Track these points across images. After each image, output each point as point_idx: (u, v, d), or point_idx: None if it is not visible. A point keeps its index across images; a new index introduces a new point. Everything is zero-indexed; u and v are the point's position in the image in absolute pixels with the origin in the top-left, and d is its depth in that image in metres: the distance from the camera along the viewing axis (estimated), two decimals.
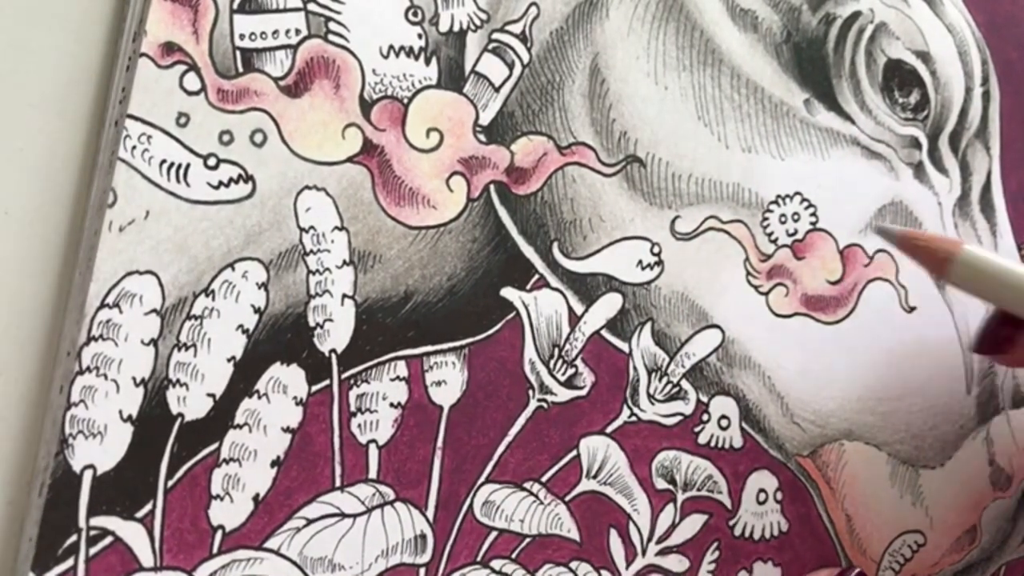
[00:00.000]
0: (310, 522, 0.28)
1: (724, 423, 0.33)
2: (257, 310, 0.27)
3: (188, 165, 0.26)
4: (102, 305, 0.25)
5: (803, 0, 0.35)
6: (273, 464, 0.27)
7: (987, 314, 0.31)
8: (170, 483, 0.26)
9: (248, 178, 0.27)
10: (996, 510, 0.39)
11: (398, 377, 0.29)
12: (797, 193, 0.35)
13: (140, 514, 0.26)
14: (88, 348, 0.25)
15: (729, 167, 0.33)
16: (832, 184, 0.35)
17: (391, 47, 0.29)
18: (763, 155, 0.34)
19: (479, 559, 0.30)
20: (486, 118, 0.30)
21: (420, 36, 0.29)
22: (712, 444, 0.33)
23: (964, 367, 0.38)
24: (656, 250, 0.32)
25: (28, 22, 0.26)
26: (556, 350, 0.31)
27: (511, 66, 0.30)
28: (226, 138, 0.27)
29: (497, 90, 0.30)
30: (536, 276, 0.31)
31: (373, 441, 0.28)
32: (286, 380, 0.27)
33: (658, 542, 0.32)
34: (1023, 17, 0.40)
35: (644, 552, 0.32)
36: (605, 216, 0.32)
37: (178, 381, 0.26)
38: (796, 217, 0.35)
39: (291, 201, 0.28)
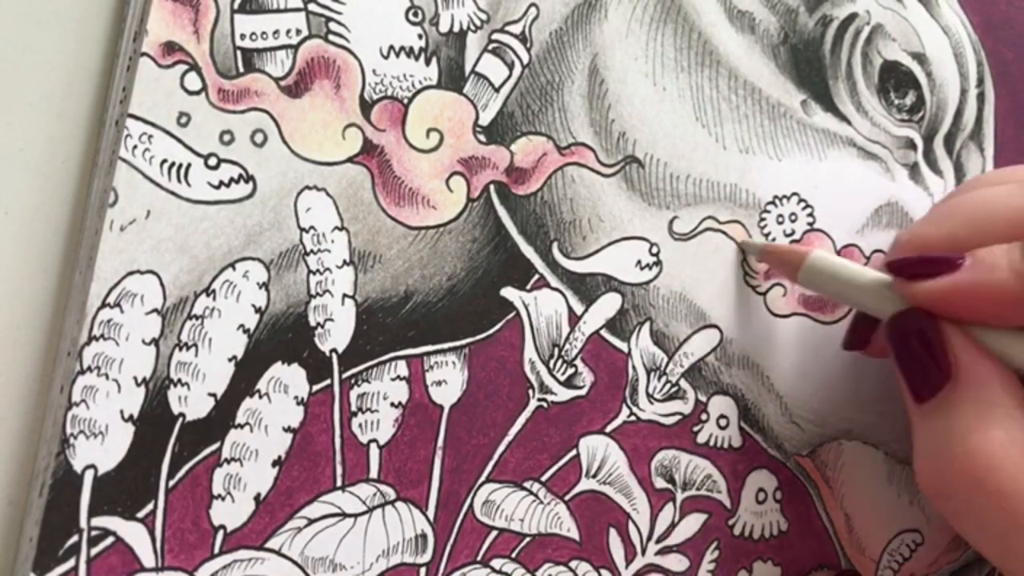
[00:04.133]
0: (311, 522, 0.28)
1: (723, 422, 0.33)
2: (258, 310, 0.27)
3: (189, 165, 0.26)
4: (103, 305, 0.25)
5: (800, 2, 0.35)
6: (274, 464, 0.27)
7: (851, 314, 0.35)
8: (171, 483, 0.26)
9: (249, 178, 0.27)
10: None
11: (398, 377, 0.29)
12: (794, 194, 0.35)
13: (141, 514, 0.26)
14: (89, 348, 0.25)
15: (727, 168, 0.34)
16: (829, 185, 0.35)
17: (391, 47, 0.29)
18: (760, 156, 0.34)
19: (479, 558, 0.30)
20: (486, 118, 0.30)
21: (420, 36, 0.29)
22: (711, 443, 0.33)
23: None
24: (655, 250, 0.32)
25: (28, 22, 0.26)
26: (556, 350, 0.31)
27: (511, 66, 0.30)
28: (227, 138, 0.27)
29: (497, 90, 0.30)
30: (536, 276, 0.31)
31: (374, 441, 0.28)
32: (287, 380, 0.27)
33: (658, 541, 0.32)
34: (1018, 18, 0.40)
35: (644, 551, 0.32)
36: (604, 216, 0.32)
37: (179, 381, 0.26)
38: (793, 217, 0.35)
39: (291, 201, 0.28)
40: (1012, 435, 0.26)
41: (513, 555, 0.30)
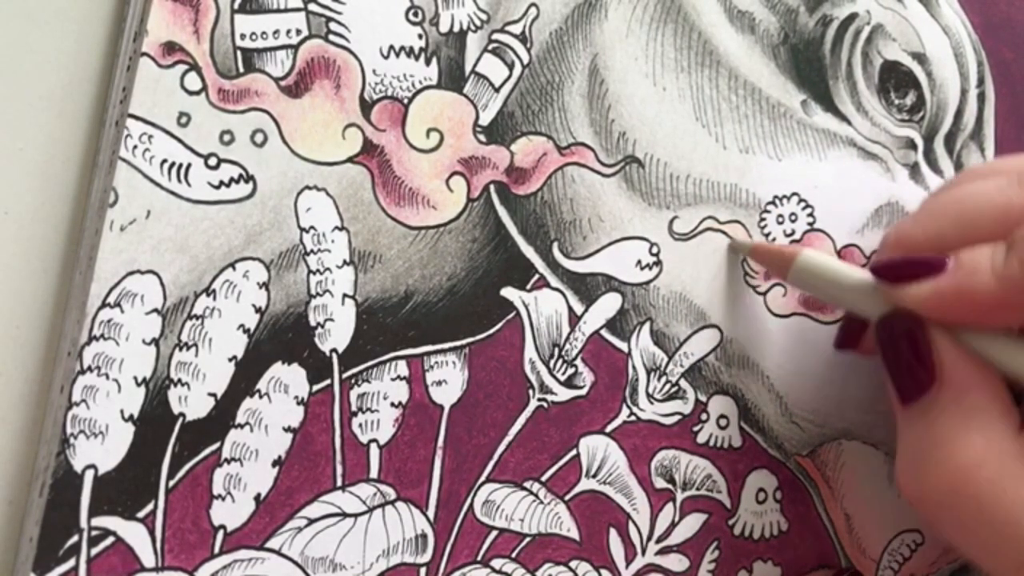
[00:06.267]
0: (311, 522, 0.28)
1: (723, 422, 0.33)
2: (258, 310, 0.27)
3: (189, 165, 0.26)
4: (103, 305, 0.25)
5: (800, 2, 0.35)
6: (274, 464, 0.27)
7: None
8: (171, 483, 0.26)
9: (249, 178, 0.27)
10: None
11: (399, 377, 0.29)
12: (794, 194, 0.35)
13: (141, 514, 0.26)
14: (89, 348, 0.25)
15: (727, 168, 0.34)
16: (829, 185, 0.35)
17: (391, 47, 0.29)
18: (760, 156, 0.34)
19: (479, 558, 0.30)
20: (486, 118, 0.30)
21: (420, 36, 0.29)
22: (711, 443, 0.33)
23: None
24: (655, 250, 0.32)
25: (28, 22, 0.26)
26: (556, 350, 0.31)
27: (511, 66, 0.30)
28: (227, 138, 0.27)
29: (497, 90, 0.30)
30: (536, 276, 0.31)
31: (374, 441, 0.28)
32: (287, 380, 0.27)
33: (658, 541, 0.32)
34: (1019, 18, 0.40)
35: (644, 551, 0.32)
36: (604, 216, 0.32)
37: (179, 381, 0.26)
38: (793, 217, 0.35)
39: (291, 201, 0.28)
40: (991, 441, 0.26)
41: (513, 555, 0.30)
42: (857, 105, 0.36)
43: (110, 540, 0.25)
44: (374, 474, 0.28)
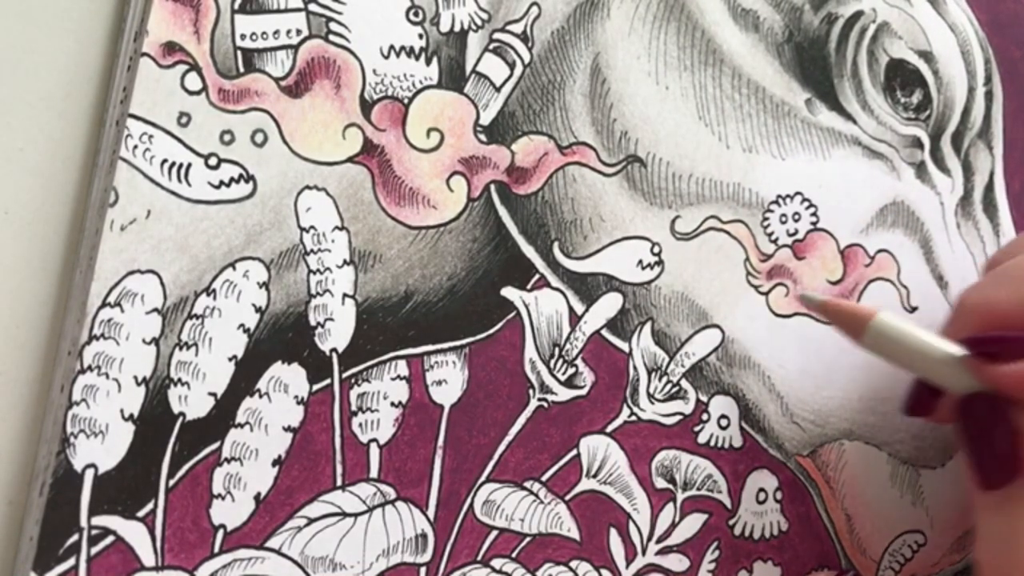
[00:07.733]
0: (311, 521, 0.28)
1: (724, 422, 0.33)
2: (258, 309, 0.27)
3: (189, 165, 0.26)
4: (103, 304, 0.25)
5: (805, 0, 0.35)
6: (274, 463, 0.27)
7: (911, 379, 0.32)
8: (171, 482, 0.26)
9: (249, 178, 0.27)
10: None
11: (399, 376, 0.29)
12: (798, 193, 0.35)
13: (141, 513, 0.26)
14: (89, 347, 0.25)
15: (730, 167, 0.33)
16: (833, 184, 0.35)
17: (392, 47, 0.29)
18: (764, 155, 0.34)
19: (479, 558, 0.30)
20: (487, 118, 0.30)
21: (421, 36, 0.29)
22: (712, 443, 0.33)
23: None
24: (656, 250, 0.32)
25: (28, 22, 0.26)
26: (556, 349, 0.31)
27: (512, 66, 0.30)
28: (227, 138, 0.27)
29: (498, 90, 0.30)
30: (537, 276, 0.31)
31: (374, 440, 0.29)
32: (287, 379, 0.27)
33: (658, 541, 0.32)
34: None
35: (644, 551, 0.32)
36: (606, 216, 0.32)
37: (179, 380, 0.26)
38: (797, 217, 0.35)
39: (292, 201, 0.28)
40: None
41: (513, 555, 0.30)
42: (862, 104, 0.36)
43: (110, 539, 0.25)
44: (374, 474, 0.28)
